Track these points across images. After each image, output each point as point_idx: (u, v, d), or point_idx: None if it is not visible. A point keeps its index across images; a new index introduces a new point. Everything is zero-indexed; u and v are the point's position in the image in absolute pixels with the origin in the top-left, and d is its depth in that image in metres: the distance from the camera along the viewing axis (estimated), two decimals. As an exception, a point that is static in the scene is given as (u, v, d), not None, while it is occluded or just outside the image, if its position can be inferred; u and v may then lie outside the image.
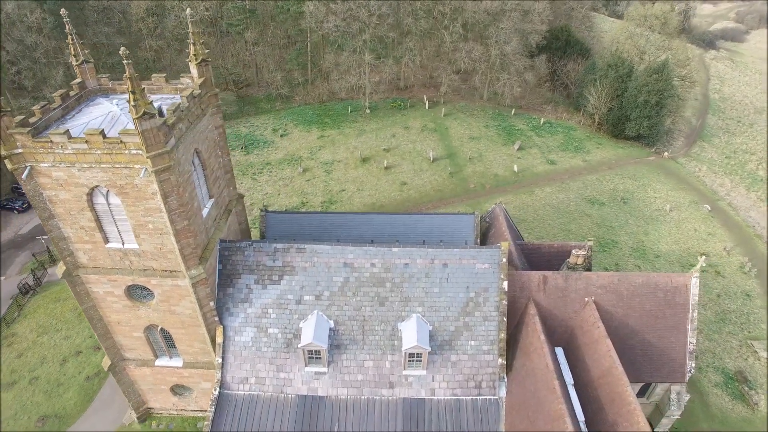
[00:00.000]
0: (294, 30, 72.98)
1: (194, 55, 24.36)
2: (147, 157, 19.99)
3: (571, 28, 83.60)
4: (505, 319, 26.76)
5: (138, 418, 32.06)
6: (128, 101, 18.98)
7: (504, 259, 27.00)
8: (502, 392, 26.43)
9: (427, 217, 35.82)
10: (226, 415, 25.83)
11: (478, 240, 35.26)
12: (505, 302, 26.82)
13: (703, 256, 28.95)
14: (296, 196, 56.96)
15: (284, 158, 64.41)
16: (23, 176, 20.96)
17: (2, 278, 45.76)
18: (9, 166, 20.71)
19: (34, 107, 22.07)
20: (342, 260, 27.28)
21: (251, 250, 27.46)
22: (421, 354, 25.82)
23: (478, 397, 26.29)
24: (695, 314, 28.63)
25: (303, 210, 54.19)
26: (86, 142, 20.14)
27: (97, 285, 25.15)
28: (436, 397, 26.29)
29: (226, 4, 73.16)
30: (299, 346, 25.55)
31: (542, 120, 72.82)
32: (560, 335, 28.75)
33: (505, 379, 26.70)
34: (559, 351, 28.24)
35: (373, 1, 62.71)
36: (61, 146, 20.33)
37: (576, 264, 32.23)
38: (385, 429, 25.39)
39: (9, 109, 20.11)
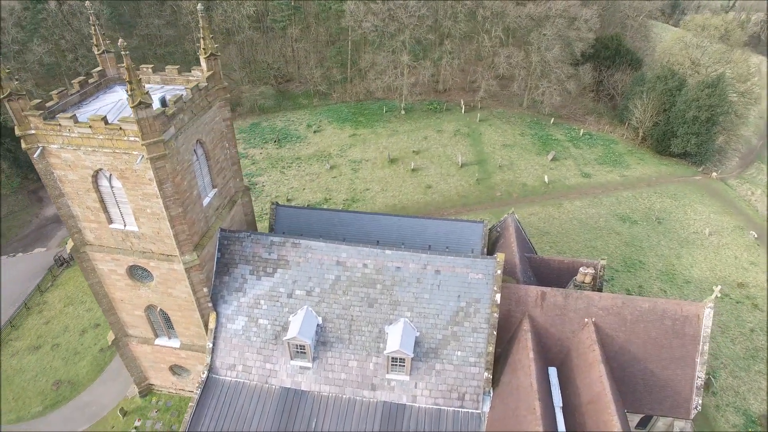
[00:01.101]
0: (335, 28, 73.98)
1: (203, 48, 25.22)
2: (142, 145, 20.94)
3: (622, 37, 79.86)
4: (495, 333, 26.04)
5: (140, 392, 33.63)
6: (126, 91, 19.94)
7: (498, 271, 26.27)
8: (486, 407, 25.75)
9: (436, 222, 35.31)
10: (212, 399, 26.63)
11: (485, 249, 34.47)
12: (496, 315, 26.10)
13: (719, 286, 26.97)
14: (320, 192, 57.76)
15: (314, 154, 65.44)
16: (35, 156, 22.48)
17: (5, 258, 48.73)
18: (23, 145, 22.30)
19: (52, 92, 23.65)
20: (335, 258, 27.46)
21: (249, 241, 28.15)
22: (404, 359, 25.58)
23: (460, 409, 25.74)
24: (706, 347, 26.76)
25: (325, 207, 54.89)
26: (90, 127, 21.34)
27: (102, 262, 26.60)
28: (417, 405, 25.97)
29: (272, 0, 75.11)
30: (284, 338, 25.95)
31: (582, 131, 70.13)
32: (555, 355, 27.66)
33: (491, 394, 26.00)
34: (552, 371, 27.17)
35: (413, 2, 62.44)
36: (69, 129, 21.65)
37: (583, 282, 30.93)
38: (362, 430, 25.35)
39: (24, 92, 21.60)
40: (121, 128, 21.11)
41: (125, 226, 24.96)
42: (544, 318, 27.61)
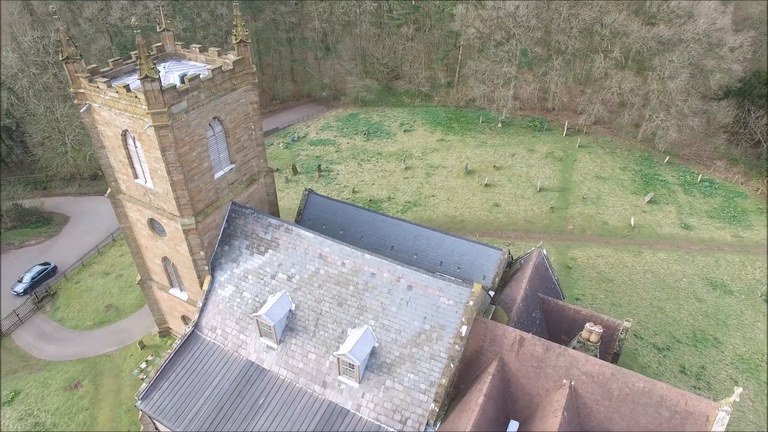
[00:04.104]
0: (445, 31, 73.39)
1: (235, 35, 27.34)
2: (146, 113, 23.63)
3: (789, 74, 66.32)
4: (453, 366, 24.34)
5: (159, 332, 37.99)
6: (137, 66, 22.65)
7: (471, 302, 24.44)
8: (426, 438, 24.30)
9: (453, 239, 33.77)
10: (188, 352, 29.13)
11: (497, 279, 32.12)
12: (458, 347, 24.37)
13: (741, 388, 21.70)
14: (387, 190, 58.39)
15: (396, 152, 66.19)
16: (82, 111, 26.69)
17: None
18: (75, 101, 26.60)
19: (109, 59, 27.71)
20: (318, 251, 27.97)
21: (251, 218, 29.97)
22: (353, 365, 25.24)
23: (399, 433, 24.67)
24: (712, 456, 21.88)
25: (386, 205, 55.47)
26: (117, 92, 24.67)
27: (131, 211, 30.60)
28: (359, 414, 25.48)
29: (394, -1, 77.10)
30: (252, 315, 27.32)
31: (700, 176, 60.29)
32: (522, 409, 24.95)
33: (435, 427, 24.44)
34: (514, 425, 24.59)
35: (524, 11, 59.16)
36: (104, 92, 25.28)
37: (588, 341, 27.38)
38: (300, 423, 25.70)
39: (79, 57, 25.71)
40: (136, 96, 24.04)
41: (145, 182, 28.36)
42: (517, 366, 25.00)
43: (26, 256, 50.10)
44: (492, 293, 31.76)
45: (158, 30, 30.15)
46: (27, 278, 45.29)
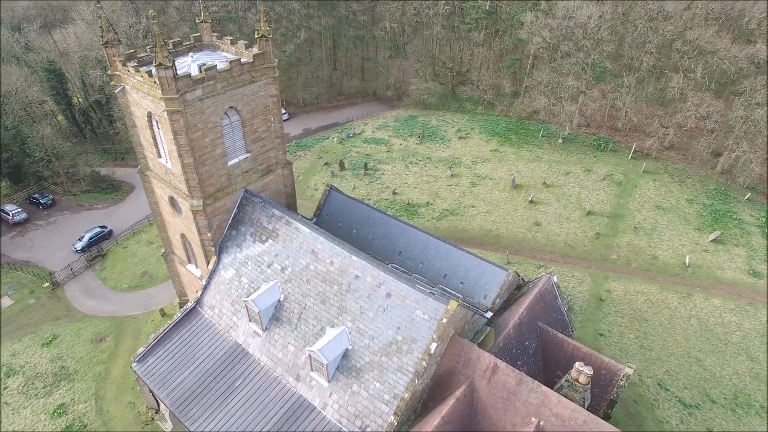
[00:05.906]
0: (514, 39, 70.74)
1: (257, 30, 28.41)
2: (159, 99, 25.33)
3: None
4: (417, 381, 23.63)
5: (179, 303, 40.50)
6: (153, 54, 24.33)
7: (444, 320, 23.54)
8: (382, 450, 23.84)
9: (460, 253, 32.66)
10: (187, 324, 30.90)
11: (498, 300, 30.66)
12: (425, 364, 23.62)
13: (728, 464, 18.93)
14: (427, 195, 57.68)
15: (445, 158, 65.09)
16: (117, 91, 29.17)
17: None
18: (112, 82, 29.14)
19: (147, 46, 30.00)
20: (312, 247, 28.36)
21: (259, 207, 31.04)
22: (323, 363, 25.36)
23: (357, 439, 24.44)
24: None
25: (423, 210, 54.86)
26: (141, 76, 26.68)
27: (157, 187, 32.96)
28: (324, 413, 25.58)
29: (468, 1, 75.53)
30: (243, 298, 28.35)
31: (785, 219, 53.07)
32: (486, 439, 23.63)
33: (393, 441, 23.91)
34: (475, 455, 23.41)
35: (596, 15, 55.33)
36: (133, 76, 27.46)
37: (576, 381, 25.20)
38: (268, 411, 26.31)
39: (118, 41, 28.10)
40: (155, 82, 25.82)
41: (166, 162, 30.40)
42: (487, 394, 23.74)
43: (92, 218, 55.81)
44: (490, 314, 30.36)
45: (198, 21, 32.11)
46: (86, 237, 50.42)
